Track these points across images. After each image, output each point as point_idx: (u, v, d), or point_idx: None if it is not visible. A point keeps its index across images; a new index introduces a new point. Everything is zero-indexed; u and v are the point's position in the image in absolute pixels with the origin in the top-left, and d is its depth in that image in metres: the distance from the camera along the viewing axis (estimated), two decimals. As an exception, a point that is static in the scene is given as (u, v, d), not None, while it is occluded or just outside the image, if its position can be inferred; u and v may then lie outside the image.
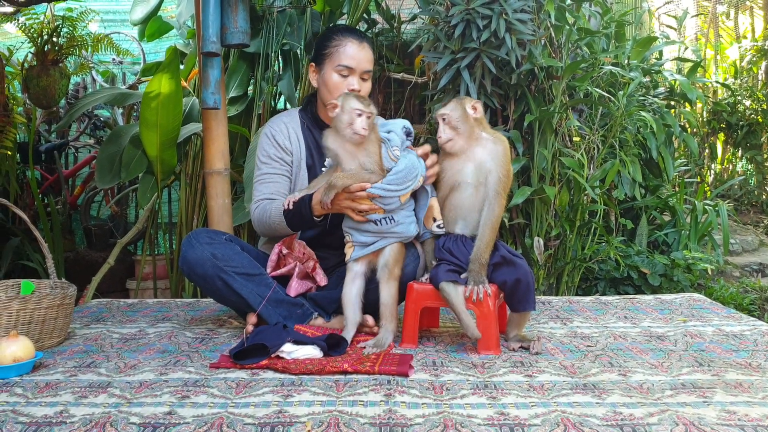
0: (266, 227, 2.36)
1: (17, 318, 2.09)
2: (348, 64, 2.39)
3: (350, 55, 2.39)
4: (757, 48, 6.74)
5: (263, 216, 2.34)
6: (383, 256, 2.14)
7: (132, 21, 4.17)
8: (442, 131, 2.14)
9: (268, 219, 2.32)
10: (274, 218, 2.29)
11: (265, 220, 2.34)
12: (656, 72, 4.15)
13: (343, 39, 2.41)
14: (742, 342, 2.19)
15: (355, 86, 2.39)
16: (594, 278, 3.64)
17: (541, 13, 3.27)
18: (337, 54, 2.40)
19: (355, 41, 2.41)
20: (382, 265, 2.14)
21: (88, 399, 1.67)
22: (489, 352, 2.07)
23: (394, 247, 2.15)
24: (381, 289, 2.14)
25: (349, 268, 2.18)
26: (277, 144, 2.46)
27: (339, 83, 2.40)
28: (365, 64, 2.42)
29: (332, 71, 2.40)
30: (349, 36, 2.42)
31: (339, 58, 2.40)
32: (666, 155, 3.91)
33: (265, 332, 2.10)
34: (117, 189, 5.09)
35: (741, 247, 5.24)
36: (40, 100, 3.64)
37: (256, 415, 1.54)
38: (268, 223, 2.33)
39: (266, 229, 2.38)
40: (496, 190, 2.09)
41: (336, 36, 2.43)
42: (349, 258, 2.17)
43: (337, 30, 2.48)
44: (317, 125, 2.50)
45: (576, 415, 1.52)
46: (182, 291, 3.77)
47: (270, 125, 2.53)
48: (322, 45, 2.46)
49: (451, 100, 2.18)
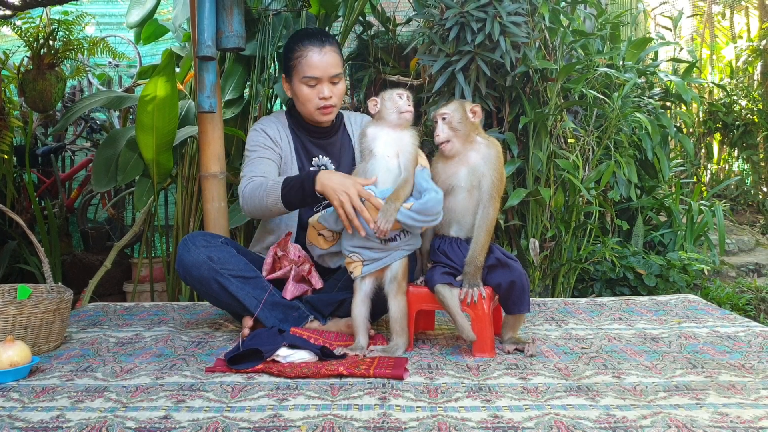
0: (257, 202, 2.24)
1: (14, 323, 2.10)
2: (313, 74, 2.36)
3: (313, 65, 2.36)
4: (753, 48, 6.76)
5: (256, 190, 2.24)
6: (391, 270, 2.12)
7: (128, 24, 4.17)
8: (440, 131, 2.13)
9: (263, 192, 2.21)
10: (270, 191, 2.19)
11: (258, 194, 2.23)
12: (651, 73, 4.16)
13: (304, 49, 2.37)
14: (736, 343, 2.20)
15: (325, 94, 2.37)
16: (590, 279, 3.65)
17: (536, 16, 3.28)
18: (300, 66, 2.37)
19: (316, 48, 2.36)
20: (391, 279, 2.12)
21: (84, 403, 1.68)
22: (484, 354, 2.08)
23: (402, 261, 2.13)
24: (390, 304, 2.12)
25: (358, 288, 2.14)
26: (268, 136, 2.45)
27: (309, 93, 2.39)
28: (331, 69, 2.38)
29: (300, 83, 2.39)
30: (309, 44, 2.37)
31: (303, 69, 2.36)
32: (661, 156, 3.92)
33: (260, 336, 2.11)
34: (114, 192, 5.09)
35: (737, 247, 5.25)
36: (37, 103, 3.64)
37: (252, 419, 1.55)
38: (261, 197, 2.22)
39: (256, 205, 2.25)
40: (490, 194, 2.10)
41: (297, 46, 2.39)
42: (359, 274, 2.12)
43: (298, 38, 2.42)
44: (303, 128, 2.51)
45: (569, 417, 1.53)
46: (179, 294, 3.77)
47: (260, 122, 2.53)
48: (286, 57, 2.44)
49: (452, 100, 2.17)
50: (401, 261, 2.12)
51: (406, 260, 2.14)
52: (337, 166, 2.50)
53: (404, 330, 2.12)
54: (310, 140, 2.51)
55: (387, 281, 2.13)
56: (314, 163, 2.40)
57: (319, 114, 2.42)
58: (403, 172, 2.10)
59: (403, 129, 2.15)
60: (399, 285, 2.12)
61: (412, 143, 2.14)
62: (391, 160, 2.11)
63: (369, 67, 4.08)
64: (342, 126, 2.60)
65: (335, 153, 2.53)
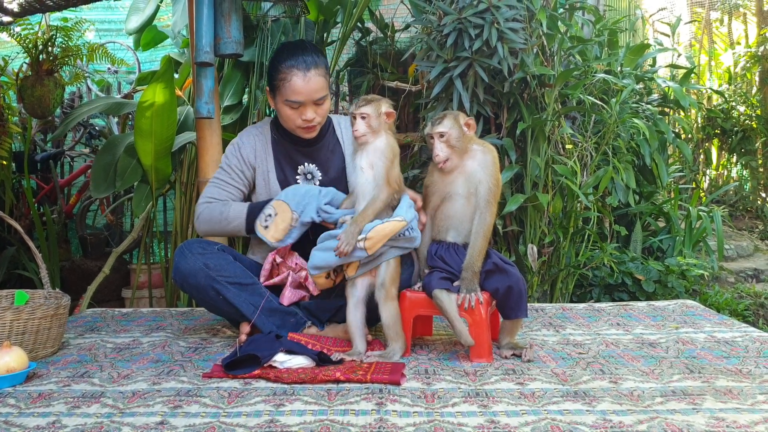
0: (215, 225, 2.36)
1: (11, 328, 2.10)
2: (296, 99, 2.30)
3: (296, 91, 2.29)
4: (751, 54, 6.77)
5: (214, 213, 2.35)
6: (380, 275, 2.12)
7: (127, 30, 4.19)
8: (439, 150, 2.12)
9: (223, 217, 2.33)
10: (232, 216, 2.33)
11: (217, 217, 2.34)
12: (649, 79, 4.17)
13: (288, 72, 2.29)
14: (734, 348, 2.20)
15: (308, 116, 2.33)
16: (588, 285, 3.65)
17: (533, 22, 3.29)
18: (283, 88, 2.31)
19: (300, 73, 2.28)
20: (379, 285, 2.12)
21: (80, 409, 1.68)
22: (481, 359, 2.08)
23: (390, 267, 2.12)
24: (381, 311, 2.12)
25: (350, 294, 2.15)
26: (241, 156, 2.44)
27: (292, 114, 2.35)
28: (315, 95, 2.31)
29: (282, 104, 2.34)
30: (294, 68, 2.29)
31: (286, 93, 2.30)
32: (660, 162, 3.93)
33: (258, 342, 2.11)
34: (112, 198, 5.10)
35: (736, 253, 5.25)
36: (35, 109, 3.65)
37: (248, 424, 1.55)
38: (220, 221, 2.34)
39: (213, 225, 2.37)
40: (487, 200, 2.10)
41: (281, 66, 2.31)
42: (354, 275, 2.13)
43: (283, 57, 2.33)
44: (287, 137, 2.47)
45: (566, 422, 1.53)
46: (177, 300, 3.77)
47: (240, 137, 2.50)
48: (270, 75, 2.39)
49: (445, 116, 2.14)
50: (389, 268, 2.12)
51: (396, 266, 2.14)
52: (324, 172, 2.47)
53: (399, 335, 2.12)
54: (295, 148, 2.47)
55: (376, 288, 2.13)
56: (300, 171, 2.39)
57: (302, 131, 2.40)
58: (373, 189, 2.11)
59: (376, 138, 2.14)
60: (388, 291, 2.11)
61: (384, 156, 2.12)
62: (366, 171, 2.12)
63: (367, 73, 4.09)
64: (331, 130, 2.54)
65: (322, 159, 2.48)
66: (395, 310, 2.12)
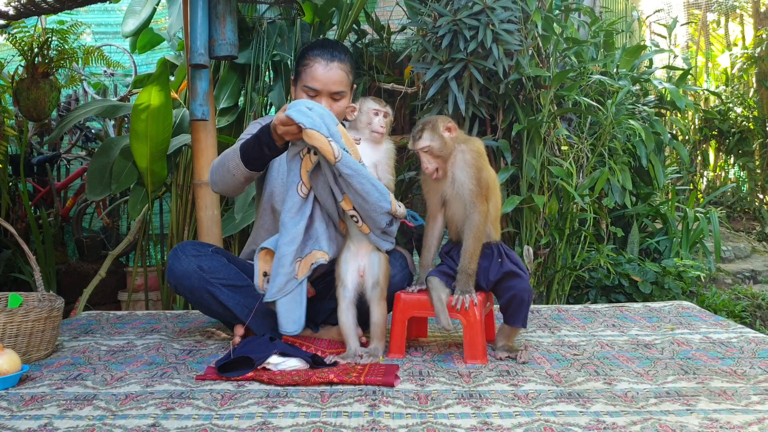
0: (221, 170, 2.27)
1: (4, 331, 2.09)
2: (313, 86, 2.34)
3: (315, 77, 2.33)
4: (748, 55, 6.79)
5: (221, 158, 2.29)
6: (372, 275, 2.13)
7: (123, 33, 4.19)
8: (427, 163, 2.13)
9: (224, 157, 2.26)
10: (229, 152, 2.25)
11: (222, 160, 2.28)
12: (646, 80, 4.17)
13: (312, 59, 2.35)
14: (729, 349, 2.19)
15: None
16: (585, 287, 3.65)
17: (528, 23, 3.29)
18: (305, 74, 2.36)
19: (323, 62, 2.34)
20: (373, 284, 2.12)
21: (73, 412, 1.67)
22: (476, 361, 2.07)
23: (382, 265, 2.13)
24: (373, 309, 2.13)
25: (341, 296, 2.14)
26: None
27: None
28: (332, 86, 2.34)
29: (301, 91, 2.38)
30: (318, 56, 2.35)
31: (305, 79, 2.35)
32: (656, 163, 3.93)
33: (251, 344, 2.10)
34: (109, 201, 5.09)
35: (733, 254, 5.26)
36: (31, 112, 3.64)
37: (240, 426, 1.54)
38: (223, 162, 2.26)
39: (221, 173, 2.28)
40: (472, 201, 2.08)
41: (308, 54, 2.38)
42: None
43: (312, 47, 2.41)
44: None
45: (559, 424, 1.52)
46: (173, 302, 3.77)
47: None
48: (297, 61, 2.45)
49: (424, 129, 2.13)
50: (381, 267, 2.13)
51: (387, 264, 2.15)
52: None
53: (384, 335, 2.15)
54: None
55: (369, 287, 2.13)
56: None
57: None
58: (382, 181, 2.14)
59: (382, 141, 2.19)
60: (382, 290, 2.13)
61: (389, 156, 2.19)
62: (369, 170, 2.12)
63: (363, 75, 4.10)
64: None
65: None
66: (386, 310, 2.16)
